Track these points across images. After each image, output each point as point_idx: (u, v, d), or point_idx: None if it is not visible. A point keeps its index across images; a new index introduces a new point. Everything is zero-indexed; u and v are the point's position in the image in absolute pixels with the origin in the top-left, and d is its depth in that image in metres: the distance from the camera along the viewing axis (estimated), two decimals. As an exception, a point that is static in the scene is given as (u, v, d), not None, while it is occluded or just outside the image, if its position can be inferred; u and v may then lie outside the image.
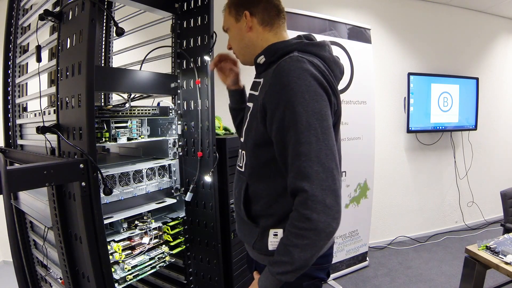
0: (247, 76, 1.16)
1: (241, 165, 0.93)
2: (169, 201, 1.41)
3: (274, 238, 0.85)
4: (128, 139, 1.24)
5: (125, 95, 1.39)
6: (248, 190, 0.89)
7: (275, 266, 0.75)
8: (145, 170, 1.33)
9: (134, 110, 1.28)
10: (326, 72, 0.79)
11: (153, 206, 1.34)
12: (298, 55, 0.79)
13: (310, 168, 0.71)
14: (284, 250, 0.74)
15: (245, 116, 0.95)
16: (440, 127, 3.45)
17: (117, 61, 1.90)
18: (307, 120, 0.72)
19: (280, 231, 0.84)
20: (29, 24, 1.54)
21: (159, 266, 1.32)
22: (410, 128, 3.29)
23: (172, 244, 1.39)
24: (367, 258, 2.85)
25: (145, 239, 1.27)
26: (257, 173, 0.87)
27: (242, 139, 0.93)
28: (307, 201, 0.70)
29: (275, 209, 0.85)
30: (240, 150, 0.96)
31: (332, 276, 2.58)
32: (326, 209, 0.70)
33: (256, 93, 0.87)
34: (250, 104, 0.91)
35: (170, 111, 1.42)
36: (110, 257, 1.10)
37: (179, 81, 1.45)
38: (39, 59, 1.21)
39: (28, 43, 1.55)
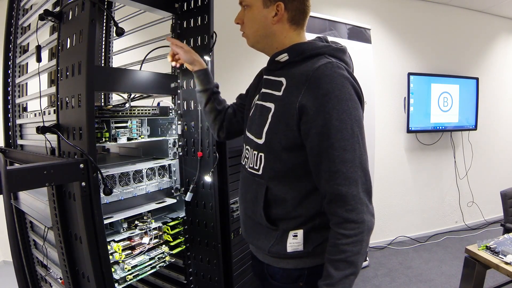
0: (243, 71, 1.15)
1: (256, 167, 0.88)
2: (169, 201, 1.41)
3: (294, 239, 0.84)
4: (128, 139, 1.24)
5: (125, 95, 1.39)
6: (268, 194, 0.86)
7: (339, 284, 0.74)
8: (145, 170, 1.33)
9: (134, 110, 1.28)
10: (356, 80, 0.81)
11: (153, 206, 1.34)
12: (337, 62, 0.80)
13: (356, 173, 0.74)
14: (345, 264, 0.74)
15: (260, 116, 0.89)
16: (440, 127, 3.45)
17: (117, 61, 1.90)
18: (351, 128, 0.74)
19: (300, 232, 0.84)
20: (29, 24, 1.54)
21: (159, 266, 1.32)
22: (410, 128, 3.29)
23: (172, 244, 1.39)
24: (367, 258, 2.85)
25: (145, 239, 1.27)
26: (282, 177, 0.84)
27: (260, 141, 0.87)
28: (356, 205, 0.74)
29: (299, 211, 0.84)
30: (251, 151, 0.91)
31: (332, 276, 2.58)
32: (368, 209, 0.76)
33: (279, 93, 0.84)
34: (269, 104, 0.86)
35: (170, 111, 1.42)
36: (110, 257, 1.10)
37: (179, 81, 1.45)
38: (39, 59, 1.21)
39: (28, 43, 1.55)
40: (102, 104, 1.89)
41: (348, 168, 0.74)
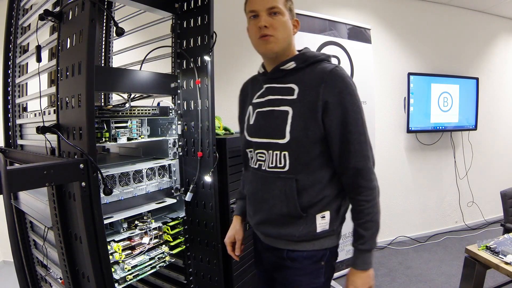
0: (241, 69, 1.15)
1: (281, 165, 0.98)
2: (169, 201, 1.41)
3: (322, 220, 0.99)
4: (128, 139, 1.24)
5: (125, 95, 1.39)
6: (297, 186, 0.97)
7: (370, 240, 0.94)
8: (145, 170, 1.33)
9: (134, 110, 1.28)
10: None
11: (153, 206, 1.34)
12: (340, 66, 0.97)
13: (368, 151, 0.96)
14: (372, 223, 0.94)
15: (275, 120, 0.99)
16: (440, 127, 3.45)
17: (117, 61, 1.90)
18: (362, 117, 0.95)
19: (327, 213, 0.99)
20: (29, 24, 1.54)
21: (159, 266, 1.32)
22: (410, 128, 3.29)
23: (172, 244, 1.39)
24: (367, 258, 2.85)
25: (145, 239, 1.27)
26: (308, 168, 0.97)
27: (283, 140, 0.96)
28: (370, 175, 0.95)
29: (324, 194, 0.98)
30: (270, 152, 1.00)
31: (332, 276, 2.58)
32: (375, 177, 0.97)
33: (293, 97, 0.97)
34: (285, 108, 0.97)
35: (170, 111, 1.42)
36: (110, 257, 1.10)
37: (179, 81, 1.45)
38: (39, 59, 1.21)
39: (28, 43, 1.55)
40: (102, 104, 1.89)
41: (363, 147, 0.94)
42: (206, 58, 1.34)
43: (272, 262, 1.08)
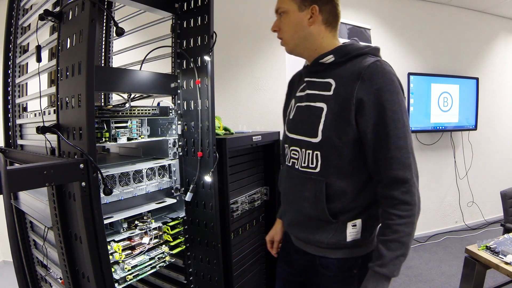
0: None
1: (312, 166, 0.92)
2: (169, 201, 1.41)
3: (353, 228, 0.91)
4: (128, 139, 1.24)
5: (125, 95, 1.39)
6: (328, 190, 0.90)
7: (390, 265, 0.81)
8: (145, 170, 1.33)
9: (134, 110, 1.28)
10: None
11: (153, 206, 1.34)
12: (383, 60, 0.87)
13: (409, 159, 0.83)
14: (398, 244, 0.81)
15: (310, 116, 0.93)
16: (440, 127, 3.45)
17: (117, 61, 1.90)
18: (402, 118, 0.83)
19: (358, 222, 0.91)
20: (29, 24, 1.54)
21: (159, 266, 1.32)
22: (410, 128, 3.28)
23: (172, 244, 1.39)
24: (367, 258, 2.85)
25: (145, 239, 1.27)
26: (340, 172, 0.89)
27: (315, 139, 0.91)
28: (410, 188, 0.82)
29: (357, 203, 0.90)
30: (303, 151, 0.95)
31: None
32: (418, 193, 0.85)
33: (329, 93, 0.89)
34: (320, 104, 0.91)
35: (170, 111, 1.42)
36: (110, 257, 1.10)
37: (179, 81, 1.45)
38: (39, 59, 1.21)
39: (28, 43, 1.55)
40: (102, 104, 1.89)
41: (403, 154, 0.82)
42: (206, 58, 1.34)
43: (303, 265, 1.05)
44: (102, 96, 1.90)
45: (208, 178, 1.38)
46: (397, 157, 0.82)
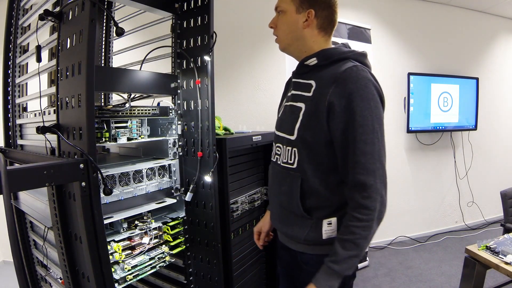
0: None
1: (291, 162, 0.97)
2: (169, 201, 1.41)
3: (328, 227, 0.94)
4: (128, 139, 1.24)
5: (125, 95, 1.39)
6: (303, 185, 0.94)
7: (343, 263, 0.83)
8: (145, 170, 1.33)
9: (134, 110, 1.28)
10: (378, 82, 0.90)
11: (153, 206, 1.34)
12: (361, 65, 0.89)
13: (374, 165, 0.83)
14: (352, 245, 0.83)
15: (291, 115, 0.97)
16: (440, 127, 3.45)
17: (117, 61, 1.90)
18: (372, 124, 0.83)
19: (333, 220, 0.93)
20: (29, 24, 1.54)
21: (159, 266, 1.32)
22: (410, 128, 3.29)
23: (172, 244, 1.39)
24: (367, 258, 2.85)
25: (145, 239, 1.27)
26: (314, 169, 0.92)
27: (292, 137, 0.96)
28: (371, 193, 0.82)
29: (331, 201, 0.93)
30: (284, 147, 1.00)
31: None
32: (382, 200, 0.84)
33: (309, 94, 0.93)
34: (300, 104, 0.95)
35: (170, 111, 1.42)
36: (110, 257, 1.10)
37: (179, 81, 1.45)
38: (39, 59, 1.21)
39: (28, 43, 1.55)
40: (102, 104, 1.89)
41: (367, 160, 0.82)
42: (206, 58, 1.34)
43: (287, 261, 1.09)
44: (102, 96, 1.90)
45: (208, 178, 1.38)
46: (361, 162, 0.83)
